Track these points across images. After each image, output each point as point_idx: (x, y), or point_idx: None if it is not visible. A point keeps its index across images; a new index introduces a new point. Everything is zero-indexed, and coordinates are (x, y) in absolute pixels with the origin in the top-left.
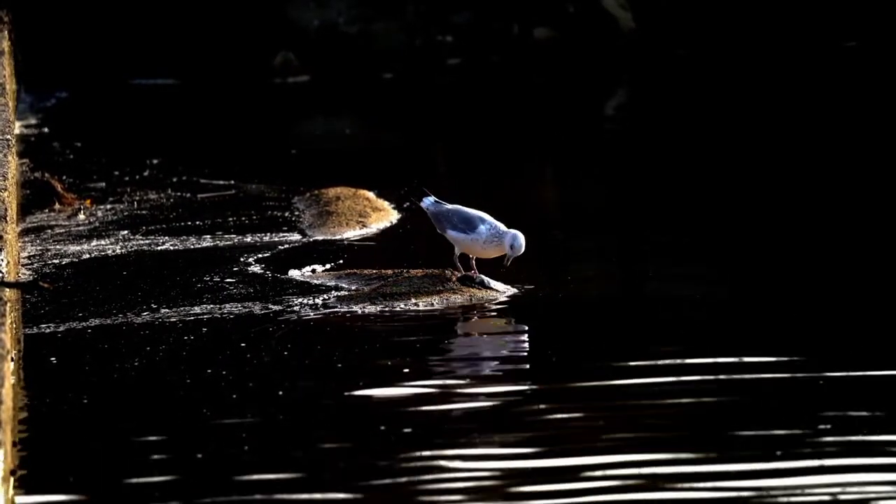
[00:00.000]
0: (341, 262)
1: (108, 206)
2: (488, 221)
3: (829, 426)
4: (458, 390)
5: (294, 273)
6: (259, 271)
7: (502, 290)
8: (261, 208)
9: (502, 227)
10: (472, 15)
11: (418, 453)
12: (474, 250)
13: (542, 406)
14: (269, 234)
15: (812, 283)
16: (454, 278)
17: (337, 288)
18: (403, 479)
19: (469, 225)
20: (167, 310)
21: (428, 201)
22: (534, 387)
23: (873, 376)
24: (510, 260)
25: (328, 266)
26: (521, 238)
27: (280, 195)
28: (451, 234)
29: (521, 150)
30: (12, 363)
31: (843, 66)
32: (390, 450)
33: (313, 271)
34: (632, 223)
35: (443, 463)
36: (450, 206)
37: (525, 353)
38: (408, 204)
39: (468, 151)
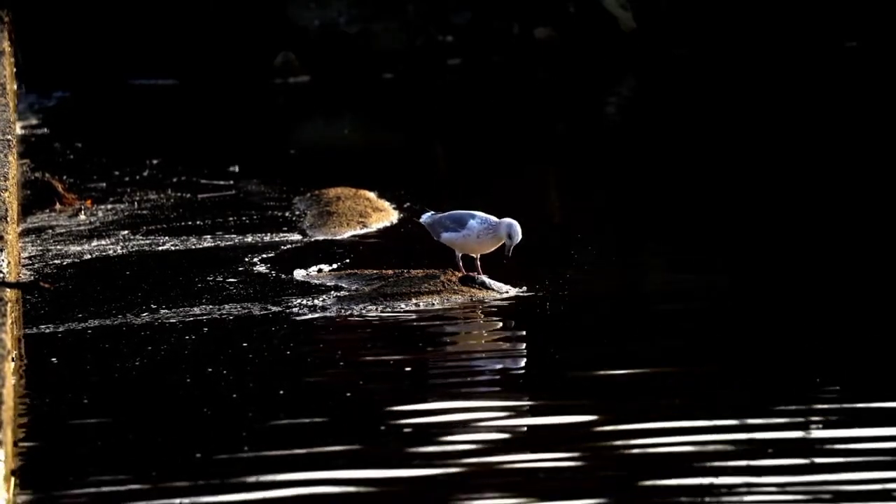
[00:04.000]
0: (342, 262)
1: (109, 207)
2: (479, 216)
3: (831, 420)
4: (459, 390)
5: (295, 273)
6: (260, 271)
7: (503, 290)
8: (261, 208)
9: (494, 218)
10: (472, 15)
11: (418, 453)
12: (470, 247)
13: (543, 405)
14: (269, 234)
15: (813, 281)
16: (455, 278)
17: (337, 288)
18: (404, 479)
19: (459, 223)
20: (167, 310)
21: (426, 216)
22: (535, 386)
23: (877, 371)
24: (510, 250)
25: (329, 266)
26: (517, 225)
27: (280, 195)
28: (445, 237)
29: (521, 150)
30: (13, 363)
31: (843, 66)
32: (391, 449)
33: (319, 271)
34: (632, 222)
35: (444, 462)
36: (443, 213)
37: (526, 353)
38: (409, 215)
39: (468, 152)
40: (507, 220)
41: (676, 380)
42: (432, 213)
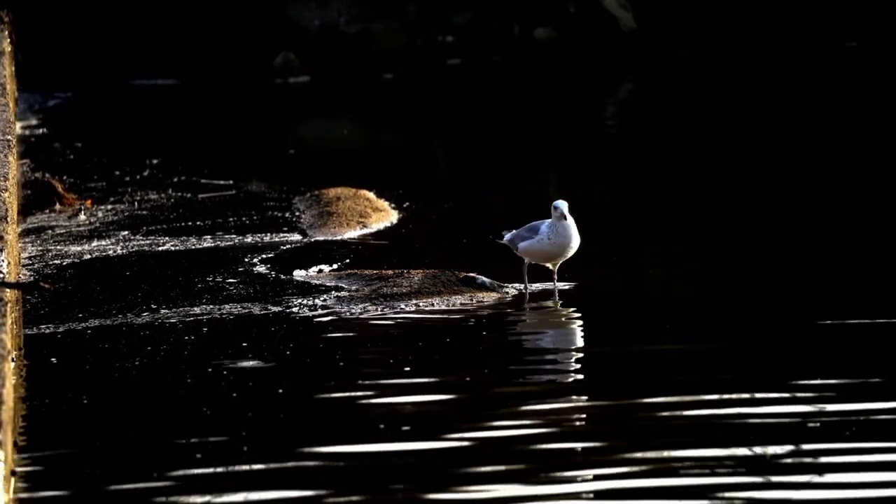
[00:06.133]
0: (342, 262)
1: (109, 207)
2: (546, 222)
3: (833, 402)
4: (459, 390)
5: (295, 273)
6: (260, 272)
7: (503, 290)
8: (261, 208)
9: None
10: (472, 15)
11: (418, 453)
12: (545, 252)
13: (543, 404)
14: (269, 234)
15: (814, 280)
16: (455, 278)
17: (337, 288)
18: (403, 479)
19: (533, 230)
20: (167, 310)
21: (508, 235)
22: (535, 385)
23: (883, 375)
24: (565, 213)
25: (329, 266)
26: (558, 202)
27: (280, 195)
28: (523, 247)
29: (522, 150)
30: (13, 363)
31: (844, 66)
32: (390, 449)
33: (319, 271)
34: (634, 222)
35: (443, 462)
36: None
37: (526, 353)
38: (489, 237)
39: (469, 152)
40: (554, 205)
41: (680, 379)
42: (513, 231)
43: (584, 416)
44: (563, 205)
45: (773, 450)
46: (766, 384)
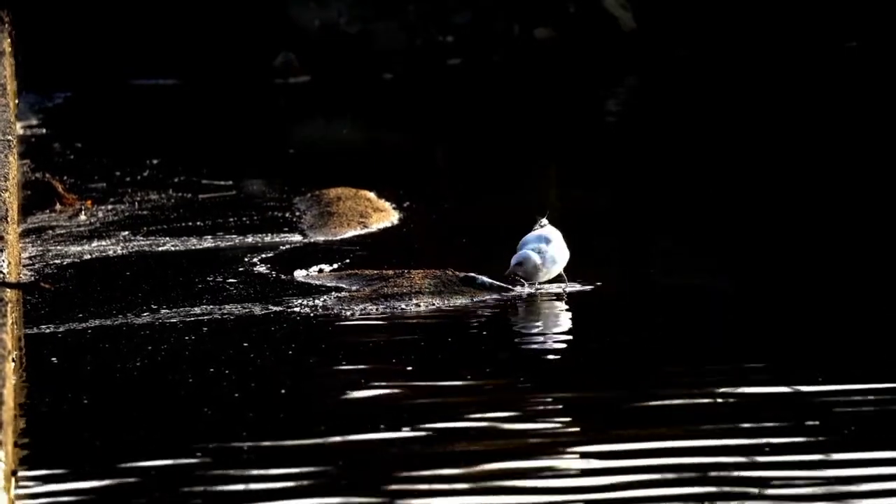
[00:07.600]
0: (342, 262)
1: (109, 207)
2: (532, 241)
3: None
4: (460, 390)
5: (295, 274)
6: (260, 272)
7: (504, 291)
8: (261, 209)
9: (526, 242)
10: (472, 15)
11: (418, 453)
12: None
13: (544, 404)
14: (269, 234)
15: (816, 282)
16: (455, 278)
17: (338, 288)
18: (403, 479)
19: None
20: (168, 310)
21: None
22: (536, 386)
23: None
24: (511, 273)
25: (329, 267)
26: (519, 256)
27: (281, 196)
28: None
29: (522, 149)
30: (13, 363)
31: (844, 66)
32: (391, 449)
33: (320, 272)
34: (634, 222)
35: (443, 463)
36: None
37: (526, 352)
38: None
39: (469, 152)
40: (521, 252)
41: (679, 380)
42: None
43: (586, 413)
44: (514, 261)
45: (770, 440)
46: (767, 379)
